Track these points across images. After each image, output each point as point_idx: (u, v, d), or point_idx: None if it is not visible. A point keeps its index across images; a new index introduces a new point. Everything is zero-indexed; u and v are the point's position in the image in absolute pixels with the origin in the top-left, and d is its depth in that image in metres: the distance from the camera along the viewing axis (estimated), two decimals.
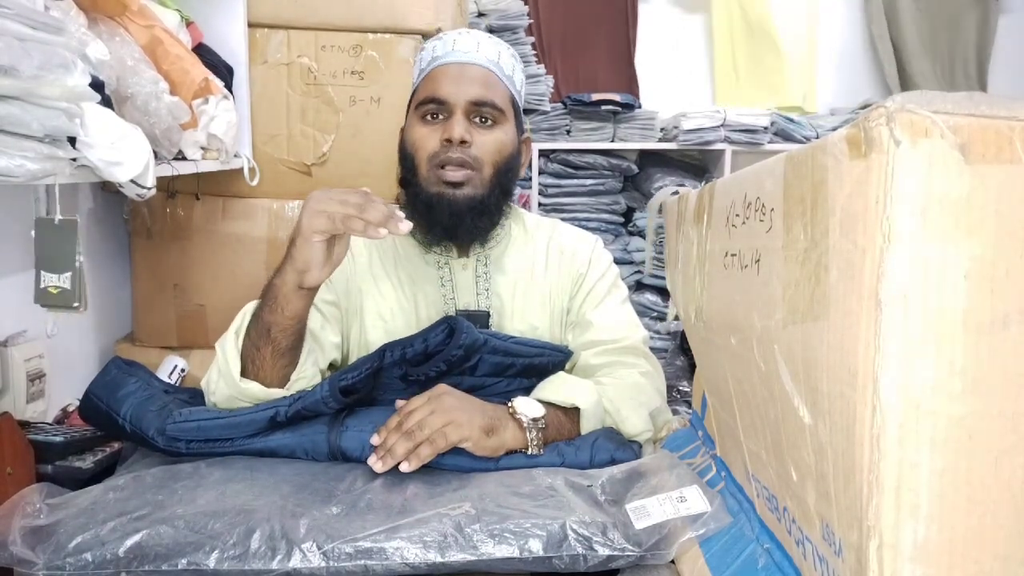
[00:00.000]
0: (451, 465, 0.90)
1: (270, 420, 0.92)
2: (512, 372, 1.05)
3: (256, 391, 0.96)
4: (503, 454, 0.92)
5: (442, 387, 0.95)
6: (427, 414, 0.90)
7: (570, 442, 0.96)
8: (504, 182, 1.14)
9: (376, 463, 0.87)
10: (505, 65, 1.15)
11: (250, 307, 1.01)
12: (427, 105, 1.12)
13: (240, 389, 0.96)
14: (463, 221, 1.11)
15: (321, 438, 0.92)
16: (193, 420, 0.92)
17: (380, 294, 1.18)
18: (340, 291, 1.16)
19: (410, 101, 1.18)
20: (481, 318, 1.16)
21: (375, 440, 0.90)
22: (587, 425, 1.00)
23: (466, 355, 0.99)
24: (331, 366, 1.15)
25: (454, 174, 1.09)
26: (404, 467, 0.87)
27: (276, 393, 0.97)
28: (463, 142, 1.09)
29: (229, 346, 0.99)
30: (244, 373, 0.97)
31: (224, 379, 0.98)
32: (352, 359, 1.16)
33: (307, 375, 1.01)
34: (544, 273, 1.21)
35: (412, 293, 1.18)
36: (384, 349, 0.98)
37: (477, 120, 1.11)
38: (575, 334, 1.20)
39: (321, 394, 0.92)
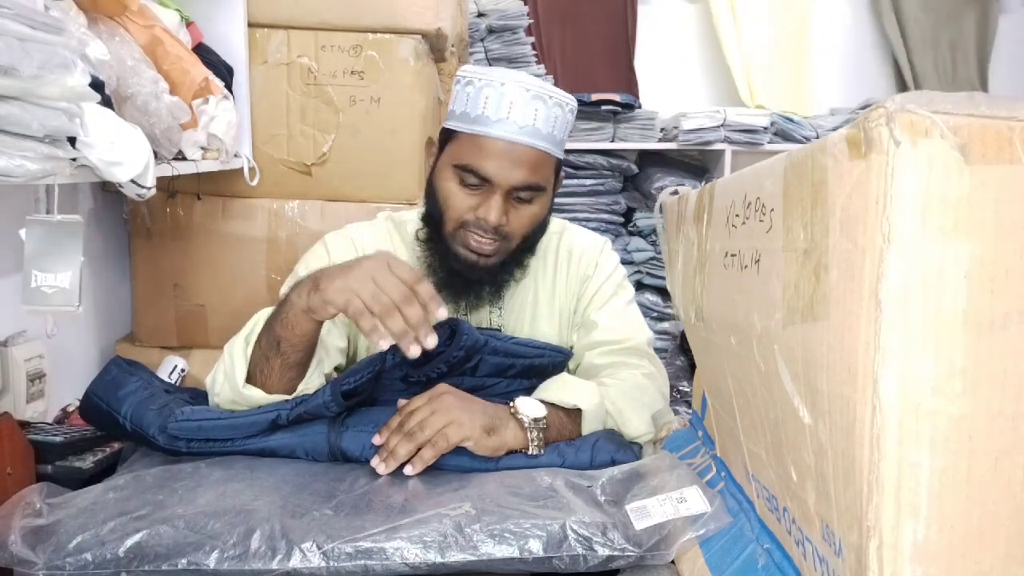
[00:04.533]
0: (451, 465, 0.90)
1: (271, 423, 0.92)
2: (513, 373, 1.05)
3: (257, 398, 0.96)
4: (504, 454, 0.92)
5: (443, 387, 0.95)
6: (428, 414, 0.90)
7: (571, 443, 0.96)
8: (531, 243, 1.14)
9: (379, 465, 0.88)
10: (558, 130, 1.09)
11: (264, 314, 1.01)
12: (468, 173, 1.07)
13: (242, 395, 0.96)
14: (482, 288, 1.13)
15: (321, 438, 0.92)
16: (195, 420, 0.92)
17: None
18: None
19: (448, 133, 1.13)
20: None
21: (377, 440, 0.91)
22: (588, 426, 1.00)
23: (467, 356, 0.99)
24: (337, 368, 1.15)
25: (482, 246, 1.09)
26: (409, 470, 0.87)
27: (278, 398, 0.97)
28: (498, 227, 1.07)
29: (237, 351, 0.98)
30: (251, 379, 0.97)
31: (228, 382, 0.98)
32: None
33: (313, 386, 1.00)
34: (553, 277, 1.22)
35: None
36: (386, 352, 0.99)
37: (515, 198, 1.09)
38: (580, 335, 1.21)
39: (323, 398, 0.92)
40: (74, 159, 0.92)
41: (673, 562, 0.75)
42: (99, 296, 1.70)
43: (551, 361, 1.09)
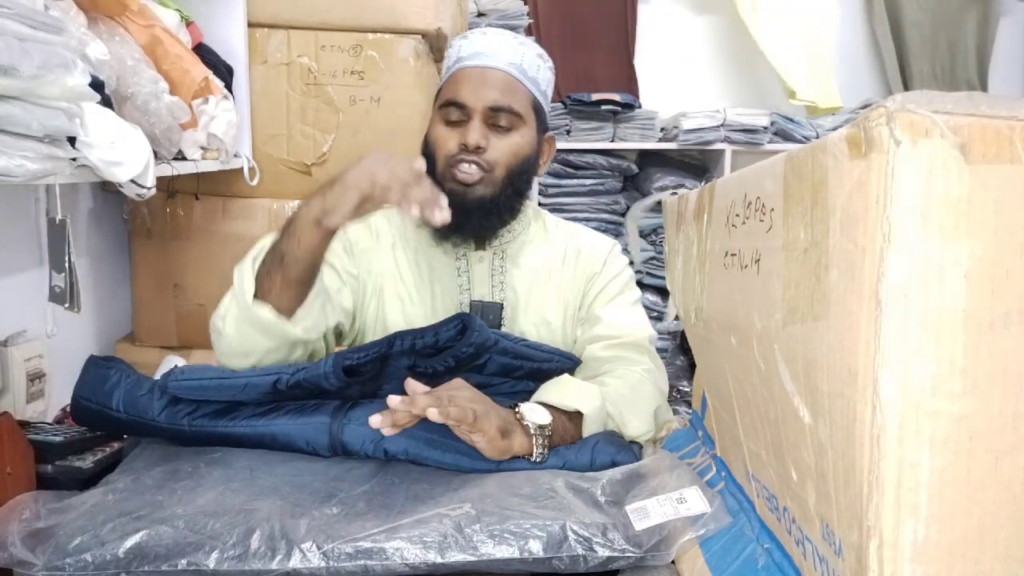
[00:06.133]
0: (451, 464, 0.90)
1: (272, 385, 0.93)
2: (520, 374, 1.05)
3: (265, 316, 0.97)
4: (508, 459, 0.92)
5: (460, 382, 0.94)
6: (455, 391, 0.89)
7: (571, 445, 0.96)
8: (518, 183, 1.17)
9: (379, 418, 0.83)
10: (529, 67, 1.17)
11: (269, 238, 1.03)
12: (448, 108, 1.15)
13: (251, 311, 0.97)
14: (470, 219, 1.14)
15: (323, 428, 0.92)
16: (195, 379, 0.92)
17: (400, 277, 1.21)
18: (363, 267, 1.20)
19: (436, 97, 1.22)
20: (494, 310, 1.19)
21: (392, 402, 0.84)
22: (589, 429, 1.00)
23: (476, 353, 0.99)
24: (339, 335, 1.17)
25: (467, 175, 1.13)
26: (433, 414, 0.83)
27: (283, 326, 0.98)
28: (478, 148, 1.12)
29: (246, 269, 1.00)
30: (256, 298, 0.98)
31: (236, 301, 0.99)
32: (368, 338, 1.19)
33: (313, 314, 1.02)
34: (561, 272, 1.24)
35: (430, 280, 1.21)
36: (395, 337, 0.98)
37: (495, 124, 1.14)
38: (583, 329, 1.22)
39: (324, 368, 0.92)
40: (74, 159, 0.92)
41: (673, 562, 0.75)
42: (99, 296, 1.70)
43: (559, 367, 1.09)
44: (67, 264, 0.95)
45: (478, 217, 1.15)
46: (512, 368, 1.04)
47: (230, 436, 0.93)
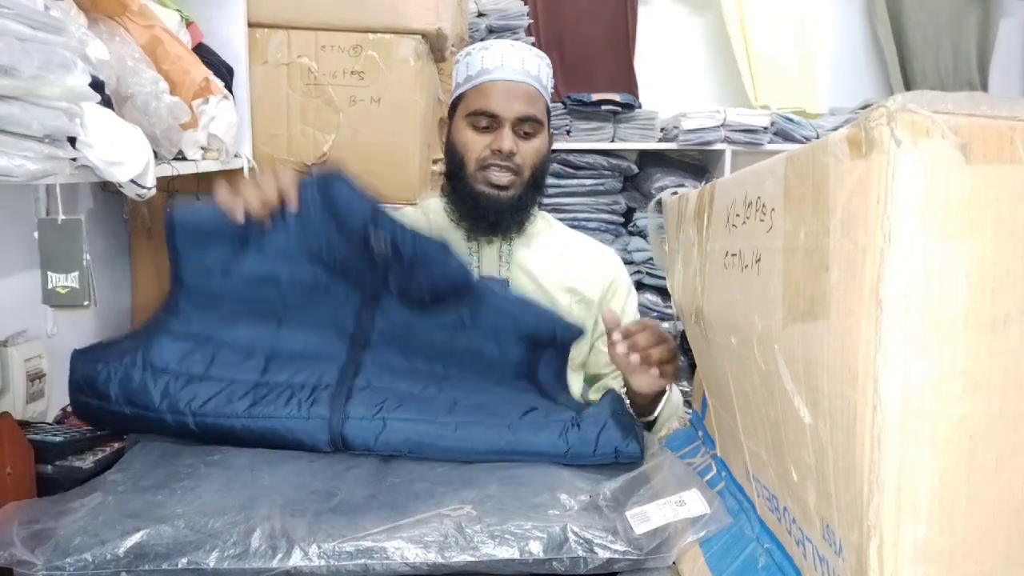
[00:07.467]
0: (456, 446, 0.90)
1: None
2: (512, 334, 1.04)
3: None
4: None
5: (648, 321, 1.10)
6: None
7: (577, 424, 0.94)
8: (540, 179, 1.34)
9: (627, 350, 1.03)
10: (543, 76, 1.31)
11: None
12: (479, 116, 1.27)
13: None
14: (504, 218, 1.29)
15: (323, 424, 0.92)
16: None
17: None
18: None
19: (455, 101, 1.33)
20: (500, 285, 1.29)
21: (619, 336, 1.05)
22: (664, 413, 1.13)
23: (411, 266, 1.01)
24: None
25: (500, 178, 1.27)
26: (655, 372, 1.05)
27: None
28: (511, 153, 1.26)
29: None
30: None
31: None
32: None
33: None
34: (566, 258, 1.37)
35: None
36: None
37: (521, 132, 1.28)
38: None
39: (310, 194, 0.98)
40: (74, 159, 0.92)
41: (673, 563, 0.75)
42: (99, 296, 1.70)
43: (560, 336, 1.07)
44: (84, 263, 0.97)
45: (510, 214, 1.29)
46: (502, 327, 1.04)
47: (231, 427, 0.93)
